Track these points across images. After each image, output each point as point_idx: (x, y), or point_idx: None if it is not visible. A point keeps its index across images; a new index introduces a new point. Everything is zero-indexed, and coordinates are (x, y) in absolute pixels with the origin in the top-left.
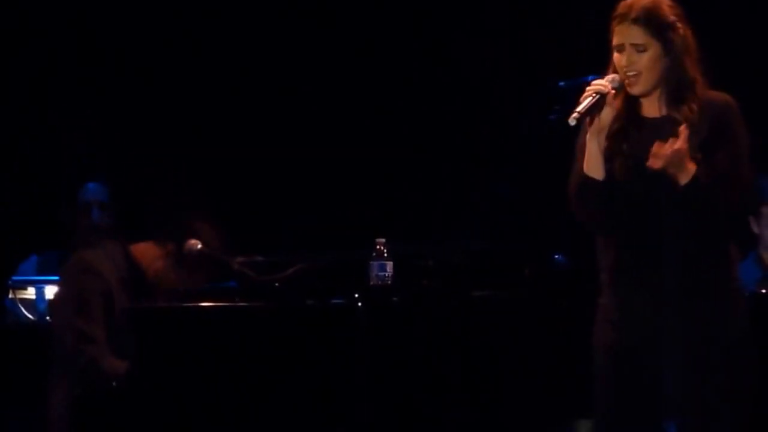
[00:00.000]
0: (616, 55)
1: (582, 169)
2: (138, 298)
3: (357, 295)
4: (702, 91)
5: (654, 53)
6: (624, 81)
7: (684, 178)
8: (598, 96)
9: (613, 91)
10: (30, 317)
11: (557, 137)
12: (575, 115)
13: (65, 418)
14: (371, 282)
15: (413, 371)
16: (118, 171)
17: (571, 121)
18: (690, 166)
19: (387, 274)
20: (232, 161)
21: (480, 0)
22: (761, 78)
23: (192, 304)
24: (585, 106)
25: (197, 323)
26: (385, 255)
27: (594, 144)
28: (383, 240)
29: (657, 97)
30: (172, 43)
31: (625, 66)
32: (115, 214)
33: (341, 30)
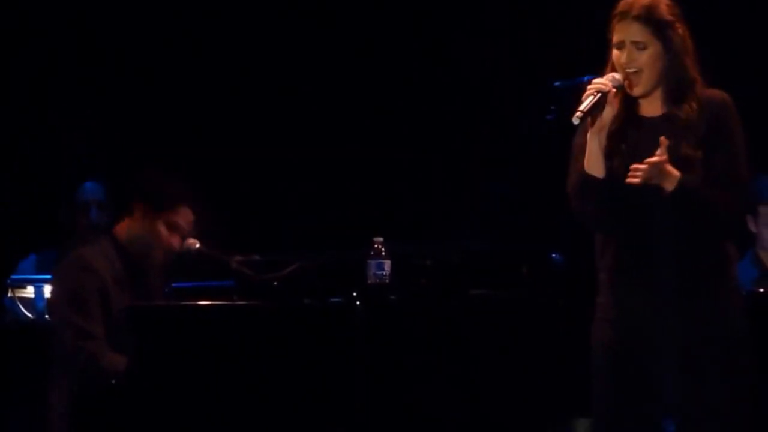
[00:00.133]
0: (615, 53)
1: (582, 168)
2: (134, 294)
3: (355, 294)
4: (700, 90)
5: (654, 51)
6: (624, 79)
7: (669, 185)
8: (599, 95)
9: (614, 90)
10: (29, 316)
11: (554, 137)
12: (578, 114)
13: (65, 417)
14: (369, 281)
15: (411, 370)
16: (117, 171)
17: (575, 120)
18: (674, 173)
19: (385, 272)
20: (230, 161)
21: (480, 0)
22: (757, 78)
23: (190, 302)
24: (587, 104)
25: (196, 322)
26: (383, 254)
27: (595, 142)
28: (381, 239)
29: (656, 97)
30: (172, 43)
31: (625, 63)
32: (114, 213)
33: (341, 30)
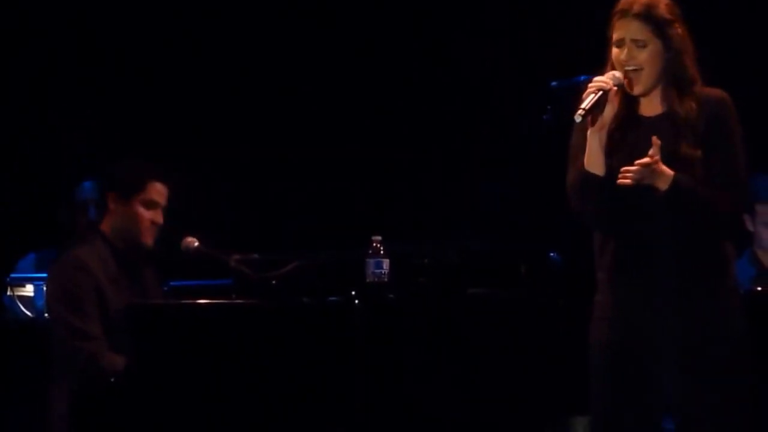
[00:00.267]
0: (615, 51)
1: (583, 165)
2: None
3: (354, 293)
4: (699, 89)
5: (653, 49)
6: (623, 77)
7: (663, 185)
8: (601, 92)
9: (615, 88)
10: (28, 314)
11: (551, 137)
12: (580, 112)
13: (65, 416)
14: (368, 279)
15: (410, 369)
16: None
17: (577, 117)
18: (667, 172)
19: (383, 271)
20: (230, 161)
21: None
22: (756, 77)
23: (189, 301)
24: (589, 102)
25: (194, 321)
26: (382, 252)
27: (595, 140)
28: (379, 237)
29: (656, 95)
30: (172, 44)
31: (625, 61)
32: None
33: (340, 29)
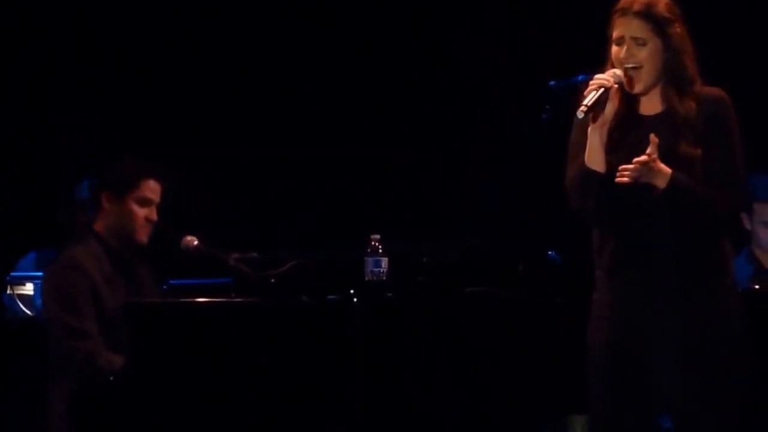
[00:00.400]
0: (615, 49)
1: (583, 162)
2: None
3: (352, 291)
4: (699, 88)
5: (653, 47)
6: (623, 76)
7: (661, 183)
8: (602, 90)
9: (616, 86)
10: (28, 313)
11: (549, 136)
12: (582, 109)
13: (65, 415)
14: (366, 278)
15: (409, 367)
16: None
17: (579, 114)
18: (664, 170)
19: (382, 270)
20: (229, 160)
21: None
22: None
23: (188, 299)
24: (591, 99)
25: (193, 319)
26: (380, 251)
27: (596, 137)
28: (378, 236)
29: (655, 94)
30: (171, 43)
31: (624, 58)
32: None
33: (339, 29)
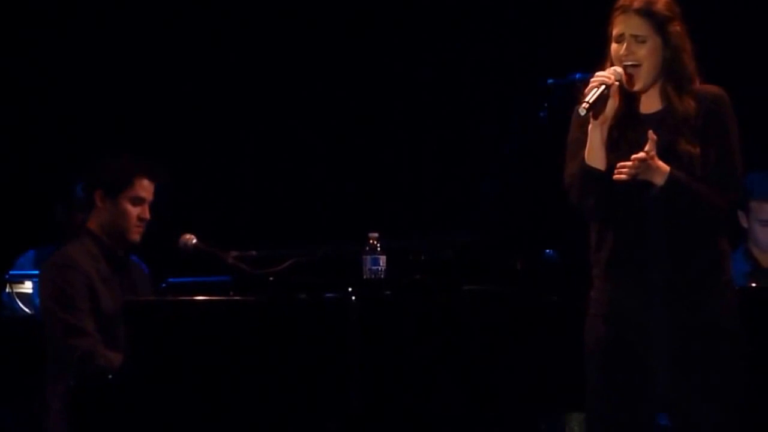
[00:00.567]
0: (614, 46)
1: (583, 160)
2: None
3: (350, 289)
4: (697, 86)
5: (653, 45)
6: (623, 73)
7: (658, 180)
8: (603, 87)
9: (617, 83)
10: (27, 311)
11: (547, 134)
12: (584, 105)
13: (63, 413)
14: (364, 276)
15: (406, 364)
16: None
17: (581, 111)
18: (662, 167)
19: (380, 268)
20: (227, 158)
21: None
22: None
23: (186, 297)
24: (592, 96)
25: (192, 317)
26: (378, 249)
27: (597, 135)
28: (376, 234)
29: (654, 92)
30: (170, 42)
31: (624, 55)
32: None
33: (338, 25)
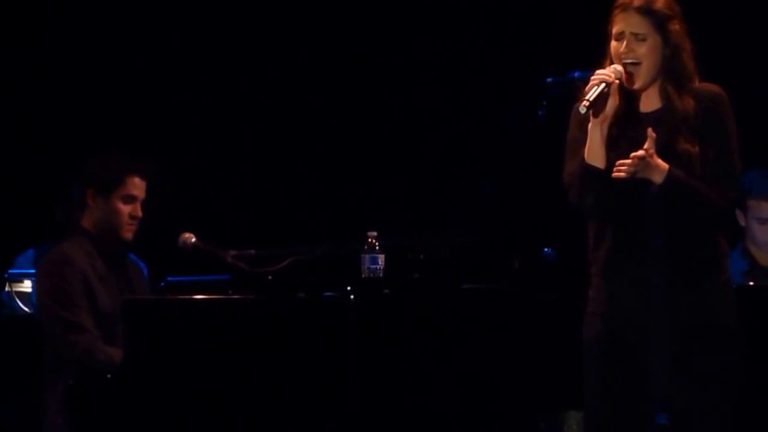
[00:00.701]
0: (614, 44)
1: (583, 158)
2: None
3: (349, 288)
4: (696, 84)
5: (653, 43)
6: (623, 71)
7: (657, 177)
8: (604, 85)
9: (617, 82)
10: (26, 310)
11: (546, 132)
12: (585, 103)
13: (62, 412)
14: (363, 275)
15: (404, 363)
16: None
17: (581, 109)
18: (661, 165)
19: (379, 267)
20: (226, 157)
21: None
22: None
23: (185, 296)
24: (593, 94)
25: (191, 316)
26: (377, 248)
27: (597, 133)
28: (375, 233)
29: (654, 90)
30: (169, 41)
31: (624, 53)
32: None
33: (335, 25)
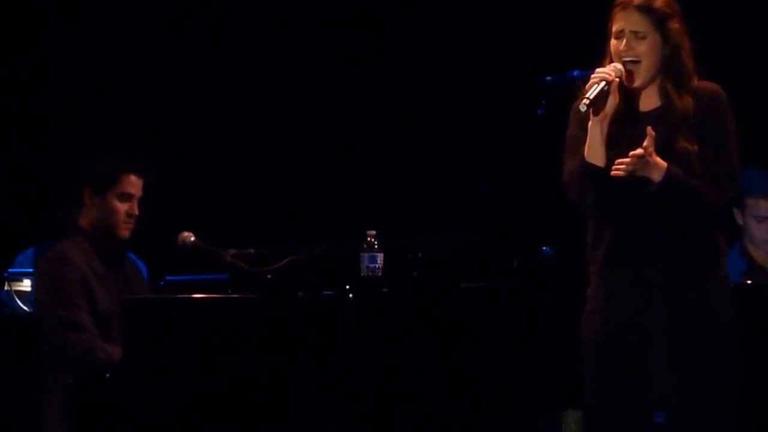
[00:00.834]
0: (614, 42)
1: (583, 157)
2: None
3: (348, 287)
4: (695, 83)
5: (652, 41)
6: (623, 69)
7: (656, 176)
8: (604, 83)
9: (617, 80)
10: (25, 309)
11: (545, 131)
12: (585, 102)
13: (61, 411)
14: (362, 274)
15: (403, 362)
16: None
17: (581, 107)
18: (660, 163)
19: (377, 265)
20: (225, 156)
21: None
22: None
23: (184, 295)
24: (593, 92)
25: (190, 315)
26: (376, 247)
27: (597, 131)
28: (374, 232)
29: (653, 89)
30: (168, 40)
31: (624, 51)
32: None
33: (334, 24)
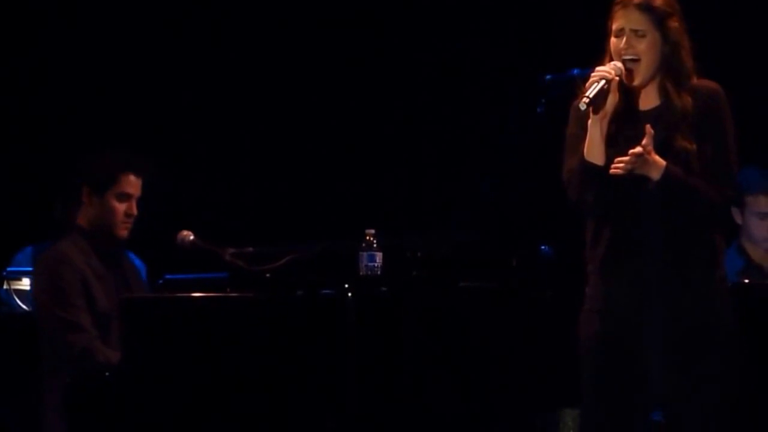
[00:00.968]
0: (614, 41)
1: (583, 155)
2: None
3: (347, 286)
4: (694, 81)
5: (652, 39)
6: (623, 68)
7: (655, 174)
8: (604, 81)
9: (617, 78)
10: (24, 308)
11: (544, 130)
12: (585, 100)
13: (60, 410)
14: (361, 272)
15: (402, 361)
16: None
17: (581, 106)
18: (659, 162)
19: (376, 264)
20: (225, 154)
21: None
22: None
23: (183, 294)
24: (593, 91)
25: (189, 314)
26: (375, 246)
27: (596, 130)
28: (373, 231)
29: (653, 88)
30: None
31: (624, 49)
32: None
33: (334, 23)
